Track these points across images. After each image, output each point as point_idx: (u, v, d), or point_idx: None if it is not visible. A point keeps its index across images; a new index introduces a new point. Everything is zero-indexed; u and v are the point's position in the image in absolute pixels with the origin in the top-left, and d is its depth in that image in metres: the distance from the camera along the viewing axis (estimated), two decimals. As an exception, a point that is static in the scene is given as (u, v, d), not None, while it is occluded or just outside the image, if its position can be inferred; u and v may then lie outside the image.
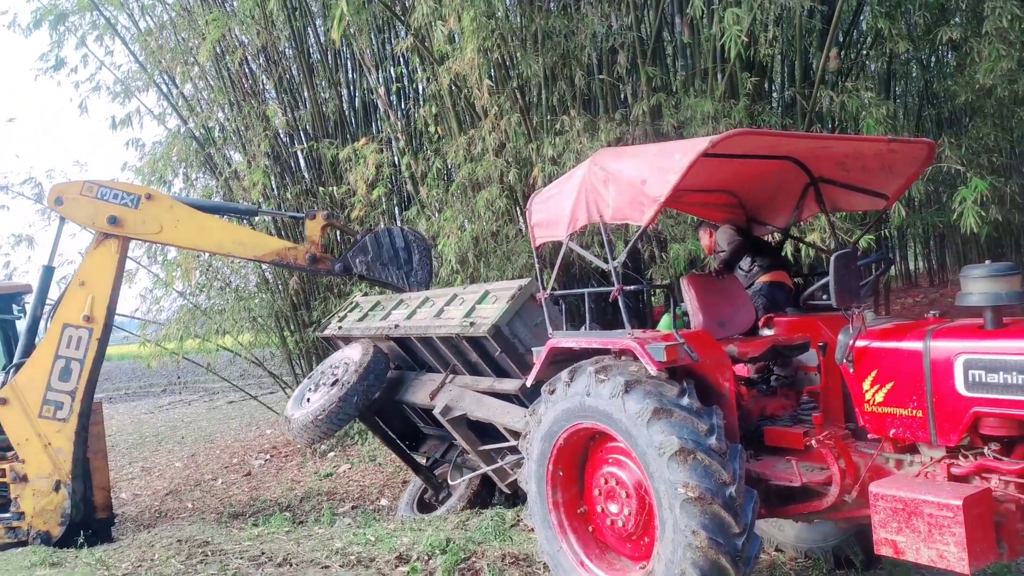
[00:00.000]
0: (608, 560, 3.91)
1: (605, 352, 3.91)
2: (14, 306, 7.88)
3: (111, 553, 5.70)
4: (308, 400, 7.00)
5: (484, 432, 6.29)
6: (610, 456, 3.90)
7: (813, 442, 3.61)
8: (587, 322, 4.21)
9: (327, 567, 5.07)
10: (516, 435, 5.71)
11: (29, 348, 6.98)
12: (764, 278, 5.43)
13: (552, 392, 4.05)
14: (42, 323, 7.09)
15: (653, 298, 9.69)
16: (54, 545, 6.38)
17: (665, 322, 4.21)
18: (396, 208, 11.14)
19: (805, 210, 4.65)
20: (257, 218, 10.31)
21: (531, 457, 4.19)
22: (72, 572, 5.21)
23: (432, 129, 9.35)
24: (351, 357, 6.95)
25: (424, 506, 7.50)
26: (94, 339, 6.90)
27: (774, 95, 9.65)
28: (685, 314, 4.42)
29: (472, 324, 5.93)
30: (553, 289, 4.54)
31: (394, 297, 7.64)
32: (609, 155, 4.01)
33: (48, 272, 7.35)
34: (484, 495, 7.02)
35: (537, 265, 4.64)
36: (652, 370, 3.52)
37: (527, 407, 5.66)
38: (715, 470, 3.32)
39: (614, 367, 3.72)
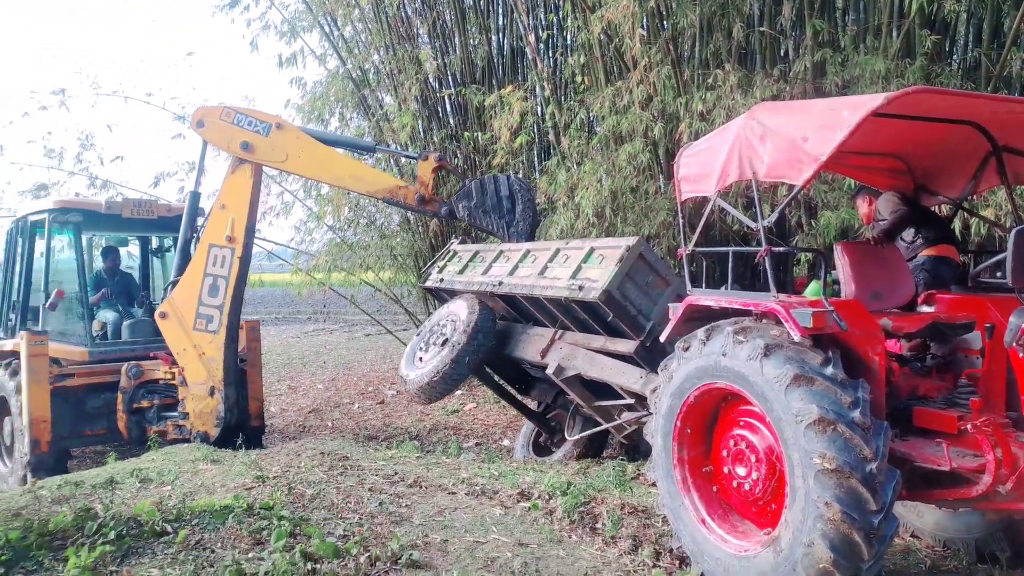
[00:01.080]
0: (731, 522, 3.88)
1: (745, 313, 3.83)
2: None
3: (263, 457, 6.27)
4: (420, 360, 7.04)
5: (596, 385, 6.21)
6: (742, 419, 3.85)
7: (969, 427, 3.39)
8: (728, 282, 4.11)
9: (453, 493, 5.35)
10: (633, 394, 5.72)
11: (182, 267, 7.59)
12: (928, 251, 5.04)
13: (686, 349, 4.02)
14: (193, 245, 7.69)
15: (795, 268, 9.28)
16: (213, 445, 7.09)
17: (813, 288, 4.04)
18: (536, 158, 11.20)
19: (983, 182, 4.28)
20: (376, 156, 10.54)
21: (659, 411, 4.20)
22: (230, 469, 5.78)
23: (579, 79, 9.27)
24: (458, 315, 6.91)
25: (539, 448, 7.66)
26: (236, 258, 7.40)
27: (954, 56, 8.81)
28: (835, 282, 4.22)
29: (581, 288, 5.77)
30: (695, 246, 4.45)
31: (493, 248, 7.53)
32: (768, 109, 3.85)
33: (195, 197, 7.94)
34: (599, 443, 7.10)
35: (680, 221, 4.57)
36: (795, 335, 3.41)
37: (642, 367, 5.67)
38: (856, 444, 3.20)
39: (754, 329, 3.64)
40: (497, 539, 4.41)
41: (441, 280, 7.76)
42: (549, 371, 6.20)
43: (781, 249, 4.65)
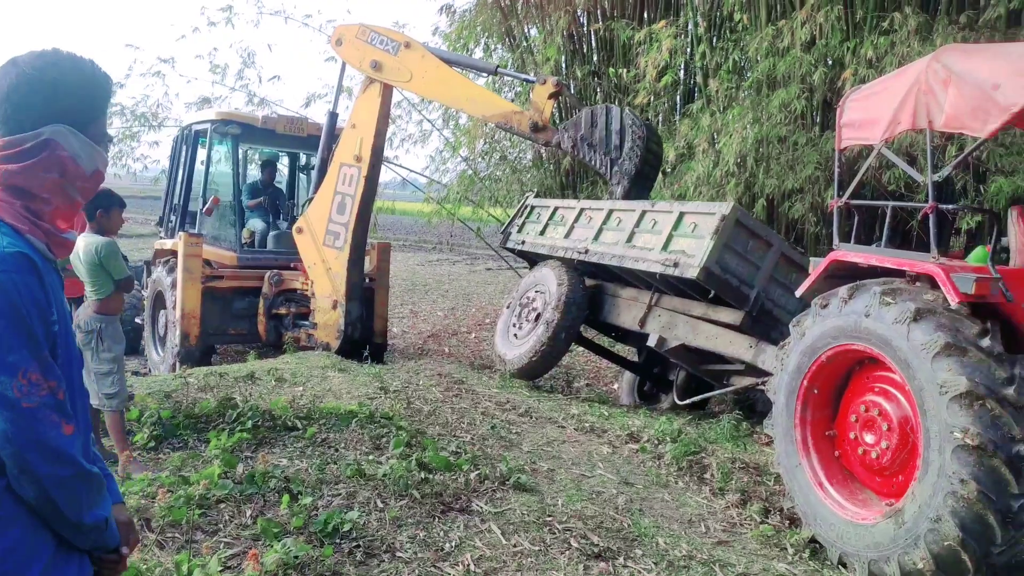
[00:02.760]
0: (851, 489, 3.71)
1: (897, 274, 3.56)
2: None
3: (385, 372, 6.58)
4: (515, 337, 6.93)
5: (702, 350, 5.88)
6: (877, 384, 3.63)
7: None
8: (883, 239, 3.82)
9: (563, 427, 5.42)
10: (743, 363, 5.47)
11: (319, 185, 7.89)
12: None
13: (825, 306, 3.80)
14: (328, 164, 7.86)
15: (954, 239, 8.54)
16: (338, 355, 7.49)
17: (978, 254, 3.68)
18: (679, 99, 10.76)
19: None
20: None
21: (785, 368, 4.02)
22: (355, 379, 6.11)
23: (737, 17, 8.74)
24: (548, 287, 6.69)
25: (644, 396, 7.55)
26: (362, 176, 7.54)
27: None
28: (1005, 250, 3.83)
29: (676, 265, 5.43)
30: (850, 198, 4.15)
31: (572, 205, 7.21)
32: (957, 52, 3.48)
33: (332, 117, 8.16)
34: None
35: (836, 170, 4.26)
36: (952, 301, 3.14)
37: (751, 335, 5.40)
38: (1005, 423, 2.95)
39: (905, 291, 3.38)
40: (603, 475, 4.44)
41: (523, 243, 7.52)
42: (650, 342, 5.96)
43: (949, 207, 4.24)
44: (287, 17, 13.63)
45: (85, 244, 4.18)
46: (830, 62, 7.57)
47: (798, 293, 4.23)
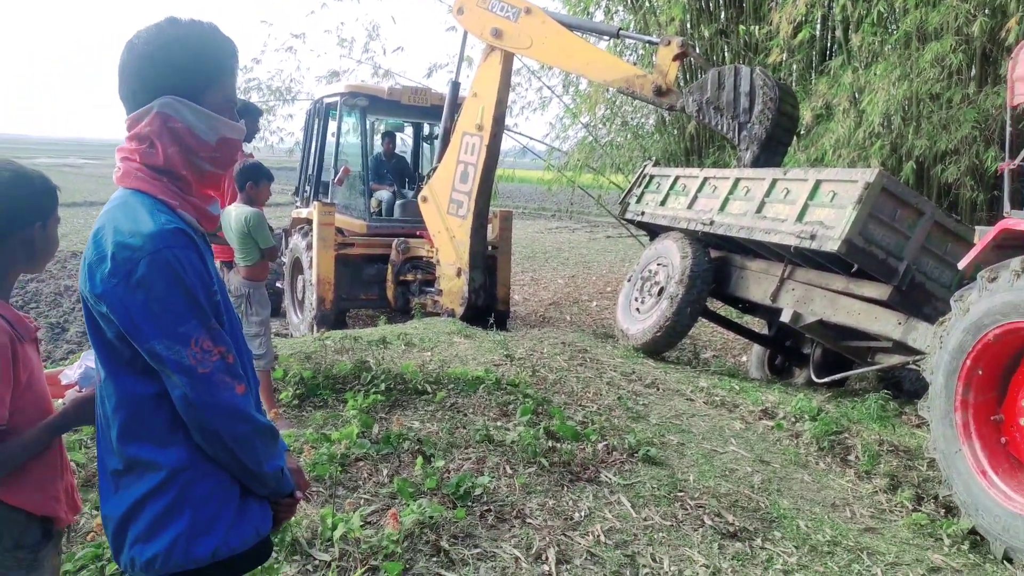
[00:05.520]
0: (1019, 479, 3.40)
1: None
2: None
3: (509, 338, 6.64)
4: (638, 312, 6.74)
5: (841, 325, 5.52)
6: (1054, 367, 3.28)
7: None
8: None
9: (691, 400, 5.28)
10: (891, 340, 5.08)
11: (442, 154, 7.96)
12: None
13: (992, 280, 3.47)
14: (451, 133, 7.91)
15: None
16: (463, 321, 7.62)
17: None
18: (815, 57, 10.10)
19: None
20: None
21: (944, 347, 3.71)
22: (480, 344, 6.20)
23: (884, -36, 8.05)
24: (671, 260, 6.42)
25: (776, 370, 7.22)
26: (483, 145, 7.53)
27: None
28: None
29: (812, 237, 5.06)
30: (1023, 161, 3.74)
31: (695, 173, 6.82)
32: None
33: (455, 87, 8.18)
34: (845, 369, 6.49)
35: (1009, 129, 3.84)
36: None
37: (899, 311, 4.99)
38: None
39: (1094, 264, 3.02)
40: (736, 452, 4.29)
41: (642, 213, 7.25)
42: (784, 318, 5.64)
43: None
44: (410, -12, 13.82)
45: (236, 214, 4.41)
46: (989, 11, 6.83)
47: (961, 265, 3.88)
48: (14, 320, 1.67)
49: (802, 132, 8.57)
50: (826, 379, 5.89)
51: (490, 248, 8.24)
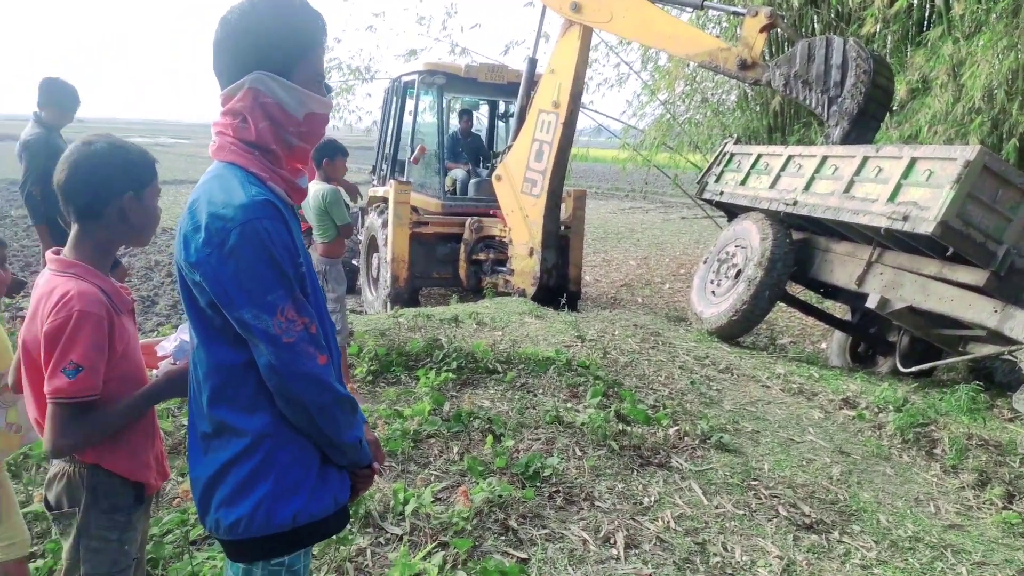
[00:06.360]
0: None
1: None
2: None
3: (581, 319, 6.61)
4: (713, 294, 6.57)
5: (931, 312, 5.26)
6: None
7: None
8: None
9: (767, 387, 5.14)
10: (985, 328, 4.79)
11: (517, 132, 7.90)
12: None
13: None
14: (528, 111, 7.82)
15: None
16: (534, 301, 7.61)
17: None
18: (912, 27, 9.55)
19: None
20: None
21: (1046, 338, 3.48)
22: (551, 326, 6.19)
23: (991, -73, 7.52)
24: (750, 242, 6.19)
25: (859, 358, 6.93)
26: (560, 123, 7.42)
27: None
28: None
29: (905, 218, 4.81)
30: None
31: (779, 151, 6.52)
32: None
33: (531, 63, 8.06)
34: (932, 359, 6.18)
35: None
36: None
37: (995, 298, 4.70)
38: None
39: None
40: (814, 441, 4.16)
41: (721, 193, 7.02)
42: (870, 303, 5.41)
43: None
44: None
45: (313, 191, 4.52)
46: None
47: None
48: (112, 292, 1.75)
49: (895, 108, 8.14)
50: (913, 369, 5.62)
51: (563, 228, 8.18)
